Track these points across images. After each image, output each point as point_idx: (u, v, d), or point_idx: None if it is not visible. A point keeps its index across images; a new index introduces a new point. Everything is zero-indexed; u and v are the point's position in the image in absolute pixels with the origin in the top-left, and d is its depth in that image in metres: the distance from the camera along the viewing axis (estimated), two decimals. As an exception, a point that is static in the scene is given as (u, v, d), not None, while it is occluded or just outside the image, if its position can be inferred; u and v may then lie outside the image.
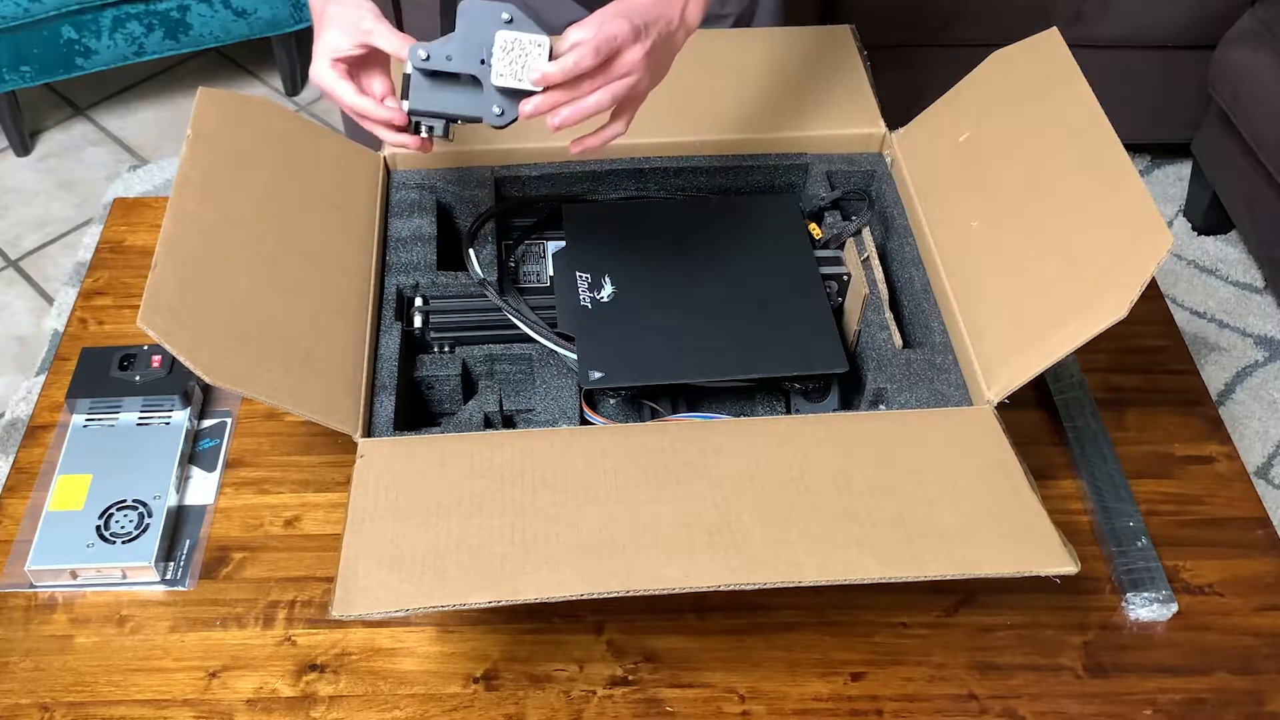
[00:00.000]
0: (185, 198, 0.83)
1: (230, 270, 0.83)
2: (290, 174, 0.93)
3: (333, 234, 0.93)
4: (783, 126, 1.06)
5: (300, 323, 0.84)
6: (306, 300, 0.87)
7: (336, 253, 0.92)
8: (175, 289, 0.78)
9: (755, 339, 0.90)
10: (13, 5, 1.82)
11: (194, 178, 0.85)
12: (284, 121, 0.96)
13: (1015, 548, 0.74)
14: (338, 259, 0.91)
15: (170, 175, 2.03)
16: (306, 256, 0.89)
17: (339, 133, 1.00)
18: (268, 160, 0.92)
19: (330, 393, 0.82)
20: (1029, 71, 0.95)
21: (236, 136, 0.91)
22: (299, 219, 0.91)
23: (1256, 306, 1.82)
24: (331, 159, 0.98)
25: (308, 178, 0.94)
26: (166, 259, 0.78)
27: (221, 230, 0.84)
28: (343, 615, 0.69)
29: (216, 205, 0.85)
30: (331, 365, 0.84)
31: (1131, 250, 0.79)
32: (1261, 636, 0.87)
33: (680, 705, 0.82)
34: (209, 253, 0.82)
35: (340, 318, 0.88)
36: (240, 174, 0.89)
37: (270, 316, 0.83)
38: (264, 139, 0.93)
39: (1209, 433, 1.00)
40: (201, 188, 0.85)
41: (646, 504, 0.75)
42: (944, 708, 0.82)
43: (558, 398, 0.89)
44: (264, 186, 0.90)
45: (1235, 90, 1.69)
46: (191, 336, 0.76)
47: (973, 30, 1.77)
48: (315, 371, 0.82)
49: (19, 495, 0.93)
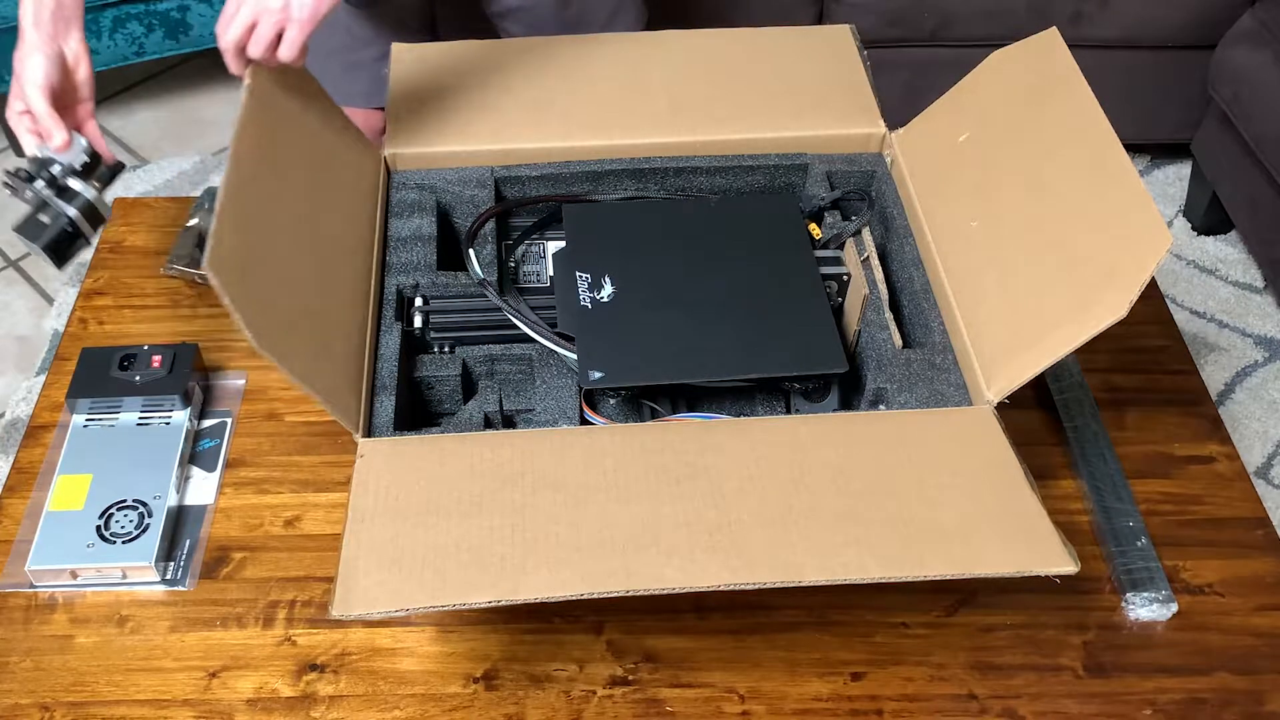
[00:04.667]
0: (242, 150, 0.82)
1: (275, 240, 0.82)
2: (313, 158, 0.93)
3: (338, 229, 0.93)
4: (783, 126, 1.06)
5: (324, 312, 0.84)
6: (326, 290, 0.87)
7: (342, 248, 0.92)
8: (234, 242, 0.76)
9: (755, 339, 0.90)
10: (13, 5, 1.82)
11: (250, 132, 0.84)
12: (318, 100, 0.96)
13: (1015, 548, 0.74)
14: (343, 255, 0.91)
15: (170, 175, 2.03)
16: (325, 245, 0.89)
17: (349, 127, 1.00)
18: (302, 137, 0.92)
19: (341, 389, 0.82)
20: (1029, 71, 0.95)
21: (286, 101, 0.90)
22: (318, 208, 0.91)
23: (1256, 306, 1.82)
24: (338, 153, 0.98)
25: (322, 168, 0.94)
26: (227, 210, 0.77)
27: (268, 198, 0.84)
28: (343, 615, 0.69)
29: (265, 170, 0.84)
30: (345, 360, 0.84)
31: (1131, 250, 0.79)
32: (1261, 636, 0.87)
33: (680, 705, 0.82)
34: (259, 216, 0.81)
35: (348, 314, 0.88)
36: (283, 146, 0.89)
37: (303, 299, 0.82)
38: (304, 113, 0.93)
39: (1209, 433, 1.00)
40: (256, 144, 0.84)
41: (646, 504, 0.75)
42: (944, 708, 0.82)
43: (558, 398, 0.89)
44: (299, 163, 0.90)
45: (1235, 90, 1.69)
46: (248, 297, 0.74)
47: (973, 30, 1.77)
48: (333, 364, 0.82)
49: (19, 495, 0.93)
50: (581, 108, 1.06)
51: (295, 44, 0.86)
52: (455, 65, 1.09)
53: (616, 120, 1.05)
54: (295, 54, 0.87)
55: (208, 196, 1.14)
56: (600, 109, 1.06)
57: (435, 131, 1.04)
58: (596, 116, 1.06)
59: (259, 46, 0.85)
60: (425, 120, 1.05)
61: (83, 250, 0.93)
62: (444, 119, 1.05)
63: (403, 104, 1.06)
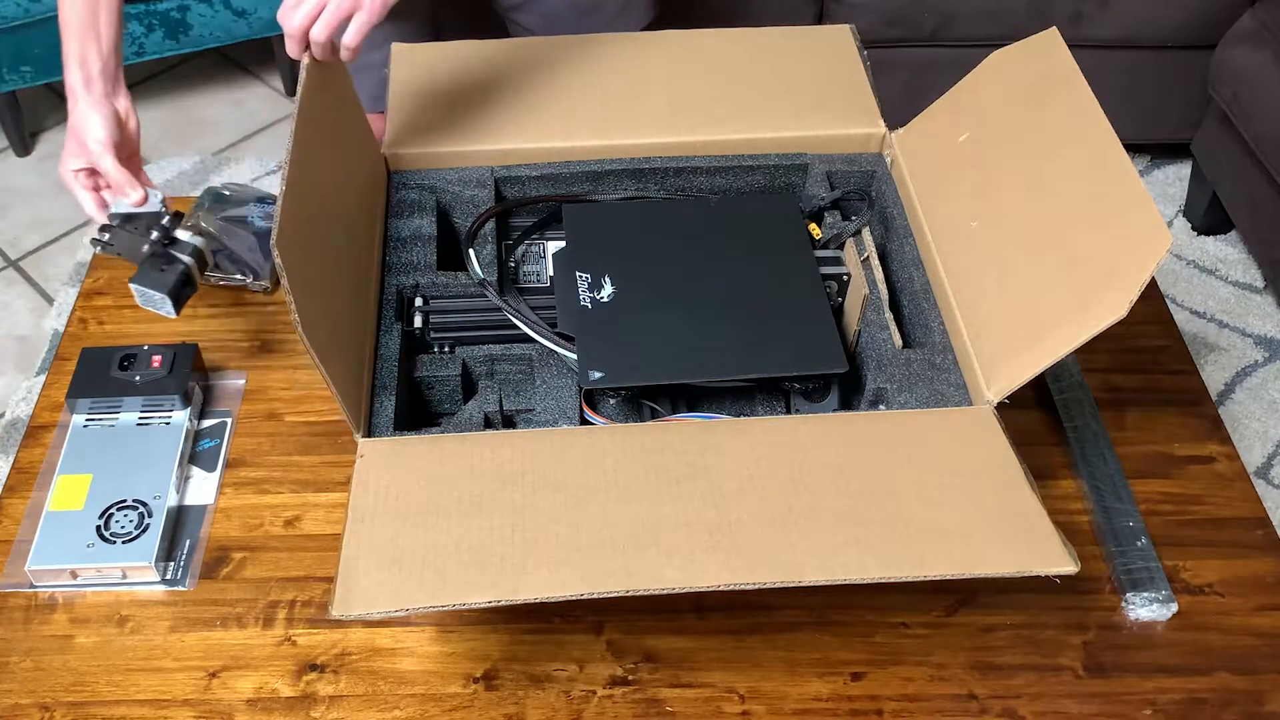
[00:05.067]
0: (306, 137, 0.82)
1: (317, 230, 0.82)
2: (340, 157, 0.93)
3: (348, 227, 0.93)
4: (783, 126, 1.06)
5: (338, 309, 0.85)
6: (342, 288, 0.87)
7: (350, 246, 0.92)
8: (297, 225, 0.76)
9: (755, 339, 0.90)
10: (13, 5, 1.82)
11: (308, 112, 0.84)
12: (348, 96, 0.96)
13: (1015, 548, 0.74)
14: (351, 253, 0.91)
15: (170, 175, 2.03)
16: (341, 243, 0.90)
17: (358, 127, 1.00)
18: (336, 133, 0.92)
19: (348, 387, 0.82)
20: (1029, 71, 0.95)
21: (330, 91, 0.91)
22: (339, 206, 0.91)
23: (1256, 306, 1.82)
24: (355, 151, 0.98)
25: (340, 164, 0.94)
26: (294, 189, 0.77)
27: (314, 186, 0.84)
28: (343, 615, 0.69)
29: (314, 157, 0.84)
30: (356, 359, 0.84)
31: (1131, 250, 0.79)
32: (1261, 636, 0.87)
33: (680, 705, 0.82)
34: (312, 202, 0.82)
35: (353, 313, 0.88)
36: (324, 136, 0.89)
37: (329, 294, 0.83)
38: (339, 107, 0.93)
39: (1209, 433, 1.00)
40: (309, 129, 0.84)
41: (646, 504, 0.75)
42: (944, 708, 0.82)
43: (558, 398, 0.89)
44: (333, 160, 0.90)
45: (1235, 90, 1.69)
46: (303, 280, 0.74)
47: (973, 30, 1.77)
48: (346, 361, 0.82)
49: (19, 495, 0.93)
50: (581, 108, 1.06)
51: (362, 30, 0.85)
52: (455, 65, 1.09)
53: (616, 120, 1.06)
54: (358, 42, 0.86)
55: (208, 196, 1.14)
56: (600, 109, 1.06)
57: (435, 131, 1.04)
58: (596, 116, 1.06)
59: (325, 32, 0.84)
60: (425, 120, 1.05)
61: (191, 295, 0.99)
62: (444, 119, 1.05)
63: (403, 104, 1.06)
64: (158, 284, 0.95)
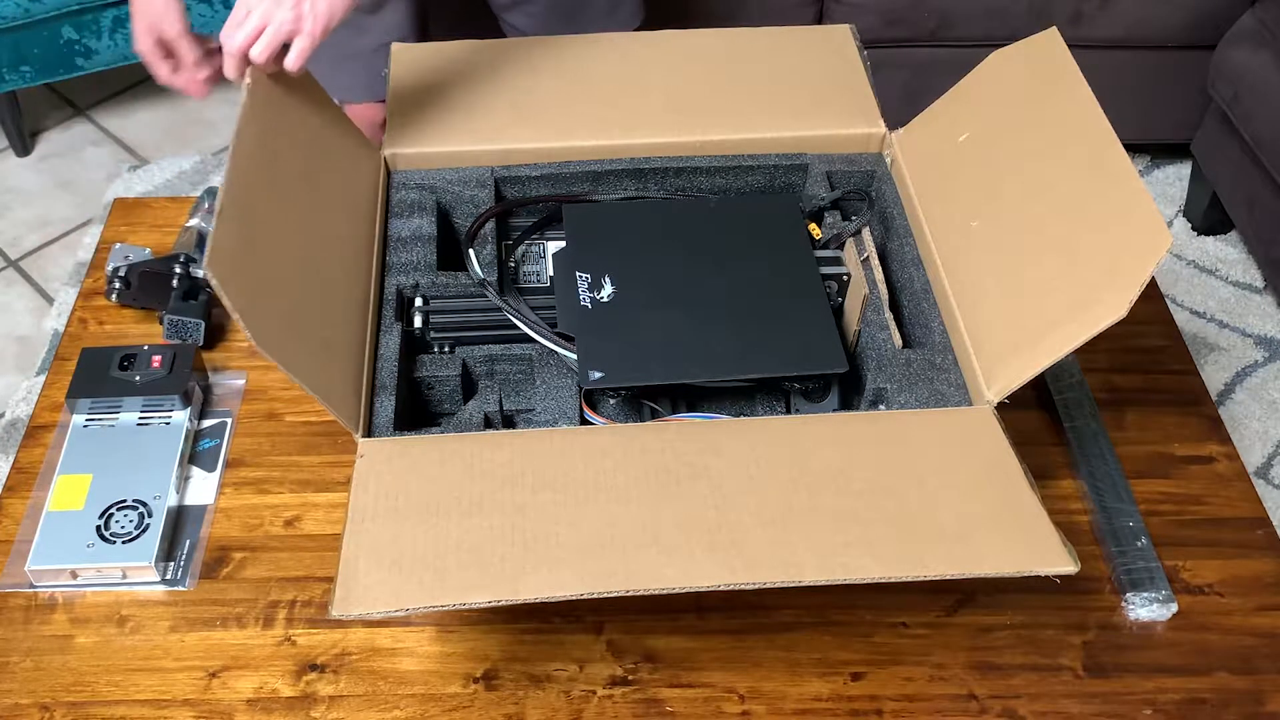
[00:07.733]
0: (242, 151, 0.82)
1: (275, 241, 0.82)
2: (312, 160, 0.93)
3: (338, 229, 0.93)
4: (783, 126, 1.06)
5: (324, 312, 0.84)
6: (327, 290, 0.87)
7: (343, 248, 0.92)
8: (236, 244, 0.76)
9: (755, 339, 0.90)
10: (13, 5, 1.82)
11: (250, 134, 0.84)
12: (318, 100, 0.96)
13: (1015, 548, 0.74)
14: (344, 255, 0.91)
15: (170, 175, 2.03)
16: (326, 246, 0.89)
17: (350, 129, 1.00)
18: (302, 138, 0.92)
19: (342, 388, 0.82)
20: (1029, 71, 0.95)
21: (286, 102, 0.91)
22: (317, 209, 0.91)
23: (1256, 306, 1.82)
24: (338, 153, 0.98)
25: (322, 169, 0.94)
26: (228, 211, 0.77)
27: (268, 199, 0.84)
28: (343, 615, 0.69)
29: (265, 171, 0.84)
30: (344, 359, 0.84)
31: (1131, 250, 0.79)
32: (1261, 636, 0.87)
33: (680, 705, 0.82)
34: (260, 217, 0.81)
35: (348, 314, 0.88)
36: (284, 147, 0.89)
37: (304, 299, 0.82)
38: (304, 113, 0.93)
39: (1209, 433, 1.00)
40: (256, 145, 0.84)
41: (646, 504, 0.75)
42: (944, 708, 0.82)
43: (558, 398, 0.89)
44: (298, 165, 0.89)
45: (1235, 90, 1.69)
46: (247, 297, 0.74)
47: (973, 30, 1.77)
48: (332, 362, 0.82)
49: (19, 495, 0.93)
50: (581, 108, 1.06)
51: (303, 55, 0.86)
52: (455, 65, 1.09)
53: (616, 120, 1.05)
54: (301, 64, 0.87)
55: (208, 196, 1.14)
56: (600, 109, 1.06)
57: (435, 131, 1.04)
58: (597, 116, 1.06)
59: (264, 54, 0.85)
60: (425, 120, 1.05)
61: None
62: (444, 119, 1.05)
63: (403, 104, 1.06)
64: (193, 311, 1.03)
